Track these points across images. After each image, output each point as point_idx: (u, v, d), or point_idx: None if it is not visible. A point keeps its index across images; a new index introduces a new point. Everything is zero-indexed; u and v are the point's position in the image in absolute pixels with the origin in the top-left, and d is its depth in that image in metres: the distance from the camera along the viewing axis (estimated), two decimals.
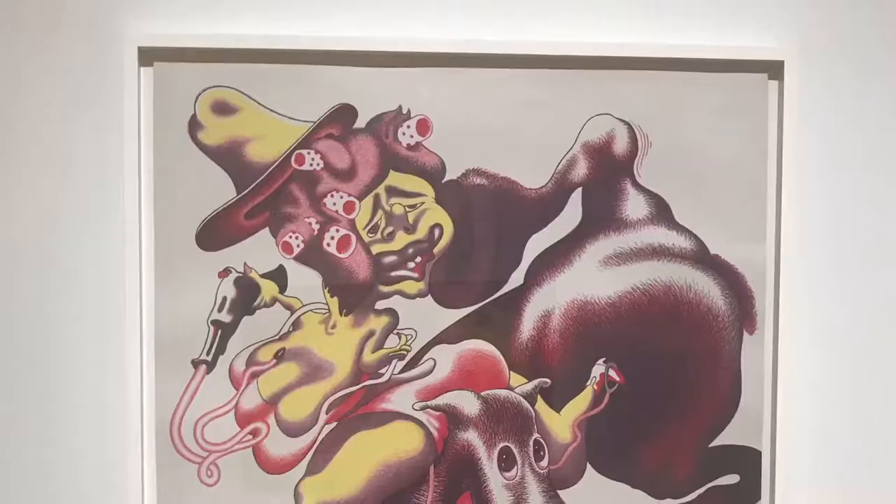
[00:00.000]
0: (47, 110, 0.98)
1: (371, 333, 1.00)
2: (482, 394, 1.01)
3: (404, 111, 1.00)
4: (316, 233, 0.99)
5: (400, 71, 0.99)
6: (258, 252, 0.99)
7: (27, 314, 0.99)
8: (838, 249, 1.06)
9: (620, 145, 1.02)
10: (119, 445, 0.98)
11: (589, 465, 1.03)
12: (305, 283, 0.99)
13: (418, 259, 1.00)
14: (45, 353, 0.99)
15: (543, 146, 1.01)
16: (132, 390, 0.97)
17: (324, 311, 1.00)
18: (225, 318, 0.99)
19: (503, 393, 1.02)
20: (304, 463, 1.00)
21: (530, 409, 1.02)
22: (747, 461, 1.04)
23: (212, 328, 0.99)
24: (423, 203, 1.00)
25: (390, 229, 1.00)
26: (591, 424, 1.03)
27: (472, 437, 1.01)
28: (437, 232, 1.01)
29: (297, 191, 0.99)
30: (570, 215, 1.02)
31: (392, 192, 1.00)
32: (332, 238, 1.00)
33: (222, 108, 0.98)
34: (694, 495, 1.04)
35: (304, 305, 0.99)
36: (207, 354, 0.99)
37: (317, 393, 1.00)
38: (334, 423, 1.00)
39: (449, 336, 1.01)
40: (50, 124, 0.98)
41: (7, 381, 0.99)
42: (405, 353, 1.01)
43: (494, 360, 1.01)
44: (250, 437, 0.99)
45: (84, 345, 0.99)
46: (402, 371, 1.00)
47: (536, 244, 1.01)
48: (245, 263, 0.99)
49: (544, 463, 1.02)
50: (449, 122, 1.00)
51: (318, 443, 1.00)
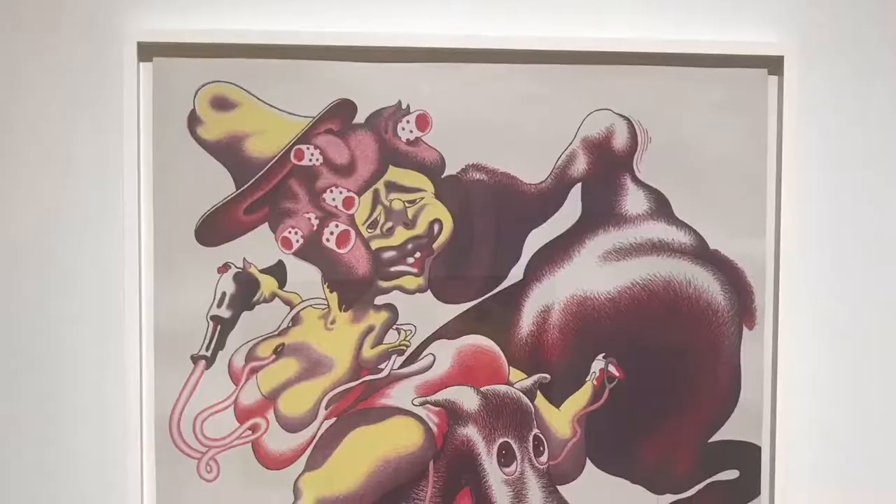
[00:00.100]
0: (47, 106, 0.98)
1: (370, 329, 1.00)
2: (481, 389, 1.01)
3: (404, 106, 1.00)
4: (315, 228, 0.99)
5: (399, 66, 0.99)
6: (257, 247, 0.99)
7: (27, 310, 0.99)
8: (838, 245, 1.06)
9: (620, 140, 1.02)
10: (118, 441, 0.98)
11: (588, 461, 1.02)
12: (305, 278, 0.99)
13: (418, 254, 1.00)
14: (44, 350, 0.99)
15: (543, 141, 1.01)
16: (132, 386, 0.97)
17: (323, 307, 1.00)
18: (224, 313, 0.99)
19: (503, 388, 1.02)
20: (304, 458, 1.00)
21: (530, 404, 1.02)
22: (747, 456, 1.04)
23: (211, 323, 0.99)
24: (422, 198, 1.00)
25: (390, 225, 1.00)
26: (590, 420, 1.02)
27: (471, 432, 1.01)
28: (436, 227, 1.00)
29: (296, 186, 0.99)
30: (570, 210, 1.02)
31: (391, 187, 1.00)
32: (332, 233, 0.99)
33: (221, 104, 0.98)
34: (693, 490, 1.04)
35: (303, 301, 0.99)
36: (207, 350, 0.99)
37: (316, 388, 1.00)
38: (334, 419, 1.00)
39: (448, 331, 1.01)
40: (49, 120, 0.98)
41: (7, 377, 0.99)
42: (404, 348, 1.00)
43: (494, 355, 1.01)
44: (250, 432, 0.99)
45: (84, 340, 0.99)
46: (401, 366, 1.00)
47: (536, 239, 1.01)
48: (244, 259, 0.99)
49: (544, 458, 1.02)
50: (448, 118, 1.00)
51: (317, 438, 1.00)
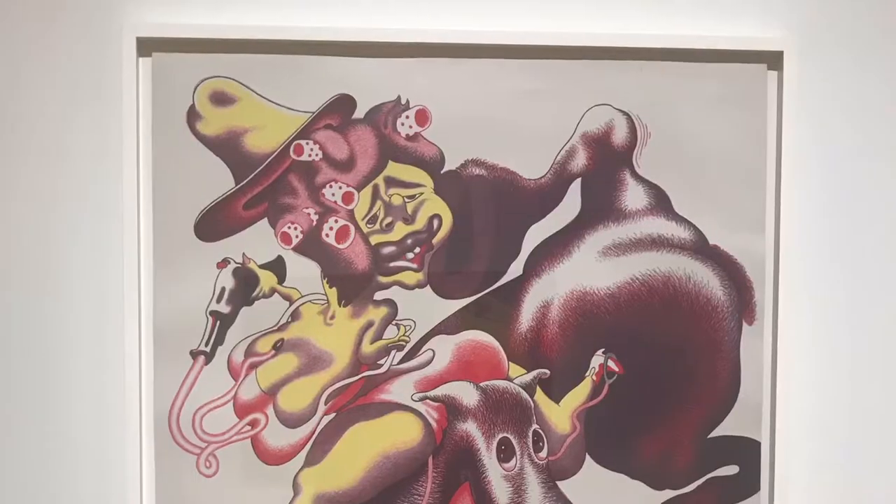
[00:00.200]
0: (46, 101, 0.98)
1: (370, 324, 1.00)
2: (481, 385, 1.01)
3: (403, 102, 1.00)
4: (315, 223, 0.99)
5: (399, 61, 0.99)
6: (257, 243, 0.98)
7: (26, 306, 0.98)
8: (838, 240, 1.06)
9: (619, 136, 1.02)
10: (118, 436, 0.98)
11: (588, 456, 1.02)
12: (304, 273, 0.99)
13: (417, 250, 1.00)
14: (43, 344, 0.99)
15: (542, 137, 1.01)
16: (131, 381, 0.97)
17: (322, 302, 0.99)
18: (223, 308, 0.99)
19: (502, 384, 1.01)
20: (303, 454, 0.99)
21: (529, 399, 1.02)
22: (746, 452, 1.04)
23: (210, 319, 0.98)
24: (421, 193, 1.00)
25: (389, 220, 1.00)
26: (590, 415, 1.02)
27: (470, 427, 1.01)
28: (435, 222, 1.00)
29: (295, 181, 0.99)
30: (570, 206, 1.02)
31: (391, 182, 1.00)
32: (331, 229, 0.99)
33: (221, 99, 0.98)
34: (693, 486, 1.04)
35: (302, 296, 0.99)
36: (206, 345, 0.98)
37: (315, 384, 0.99)
38: (333, 414, 1.00)
39: (448, 327, 1.01)
40: (48, 115, 0.98)
41: (6, 373, 0.99)
42: (404, 343, 1.00)
43: (493, 350, 1.01)
44: (249, 427, 0.99)
45: (83, 335, 0.99)
46: (400, 362, 1.00)
47: (535, 235, 1.01)
48: (244, 254, 0.99)
49: (543, 454, 1.02)
50: (448, 113, 1.00)
51: (316, 434, 0.99)
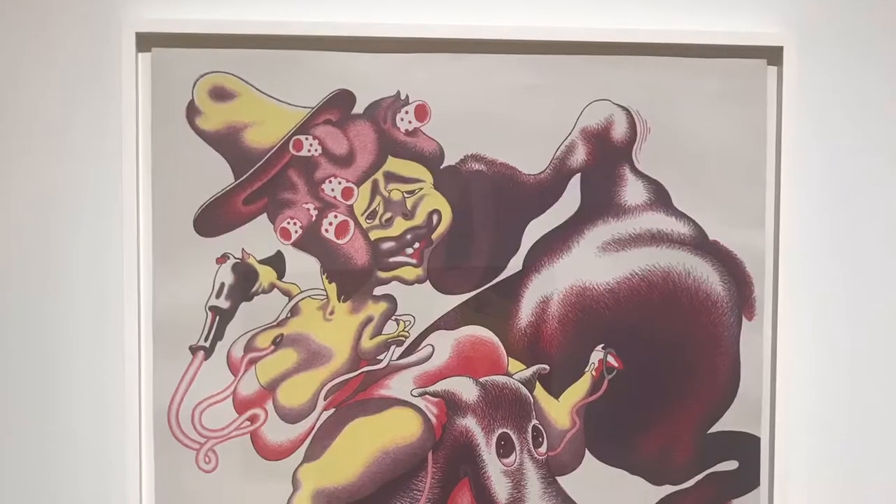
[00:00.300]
0: (45, 97, 0.98)
1: (369, 319, 1.00)
2: (480, 380, 1.01)
3: (403, 97, 1.00)
4: (314, 219, 0.99)
5: (398, 56, 0.99)
6: (256, 238, 0.98)
7: (25, 301, 0.98)
8: (837, 235, 1.06)
9: (619, 131, 1.02)
10: (117, 431, 0.98)
11: (587, 452, 1.02)
12: (303, 269, 0.99)
13: (416, 245, 1.00)
14: (43, 340, 0.99)
15: (542, 132, 1.01)
16: (130, 376, 0.97)
17: (322, 297, 0.99)
18: (223, 304, 0.99)
19: (501, 379, 1.01)
20: (303, 449, 0.99)
21: (529, 395, 1.02)
22: (746, 447, 1.04)
23: (210, 314, 0.98)
24: (421, 189, 1.00)
25: (388, 215, 1.00)
26: (589, 411, 1.02)
27: (470, 423, 1.01)
28: (435, 218, 1.00)
29: (295, 176, 0.99)
30: (569, 201, 1.02)
31: (390, 177, 1.00)
32: (331, 224, 0.99)
33: (220, 94, 0.98)
34: (693, 481, 1.03)
35: (302, 291, 0.99)
36: (205, 340, 0.98)
37: (315, 379, 0.99)
38: (332, 410, 1.00)
39: (447, 322, 1.00)
40: (48, 111, 0.98)
41: (5, 368, 0.99)
42: (403, 339, 1.00)
43: (493, 346, 1.01)
44: (248, 423, 0.99)
45: (82, 331, 0.99)
46: (400, 357, 1.00)
47: (535, 230, 1.01)
48: (243, 249, 0.99)
49: (543, 449, 1.02)
50: (447, 108, 1.00)
51: (316, 429, 0.99)
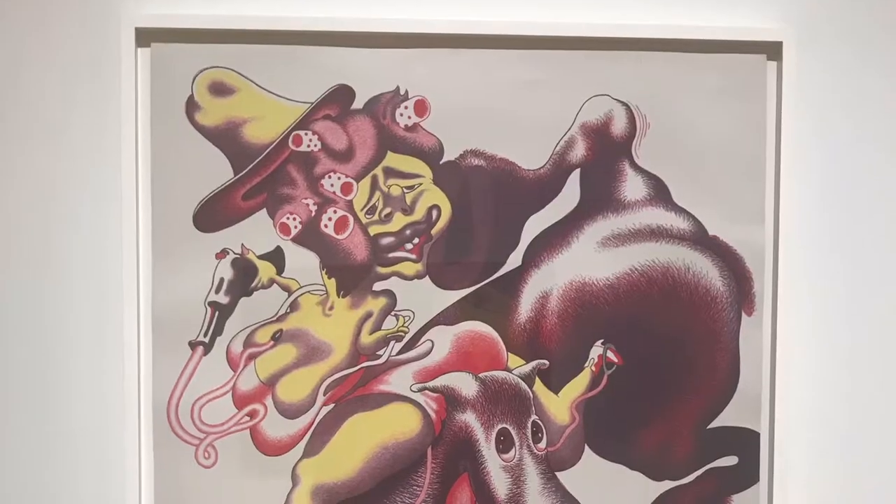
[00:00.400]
0: (44, 92, 0.98)
1: (369, 315, 1.00)
2: (480, 375, 1.01)
3: (402, 92, 1.00)
4: (313, 214, 0.99)
5: (398, 52, 0.99)
6: (255, 233, 0.98)
7: (24, 296, 0.98)
8: (837, 230, 1.06)
9: (619, 126, 1.02)
10: (116, 427, 0.98)
11: (587, 447, 1.02)
12: (303, 264, 0.99)
13: (416, 240, 1.00)
14: (42, 335, 0.99)
15: (541, 127, 1.01)
16: (129, 371, 0.97)
17: (321, 293, 0.99)
18: (222, 299, 0.99)
19: (501, 374, 1.01)
20: (302, 444, 0.99)
21: (528, 390, 1.02)
22: (746, 443, 1.03)
23: (209, 309, 0.98)
24: (420, 184, 1.00)
25: (388, 210, 1.00)
26: (589, 406, 1.02)
27: (469, 418, 1.01)
28: (434, 213, 1.00)
29: (294, 172, 0.99)
30: (569, 196, 1.01)
31: (390, 173, 1.00)
32: (330, 219, 0.99)
33: (219, 89, 0.98)
34: (692, 477, 1.03)
35: (301, 287, 0.99)
36: (205, 336, 0.98)
37: (314, 374, 0.99)
38: (332, 405, 1.00)
39: (447, 317, 1.00)
40: (47, 105, 0.98)
41: (4, 363, 0.99)
42: (403, 334, 1.00)
43: (492, 341, 1.01)
44: (248, 418, 0.99)
45: (82, 326, 0.99)
46: (399, 352, 1.00)
47: (534, 225, 1.01)
48: (242, 245, 0.98)
49: (542, 445, 1.02)
50: (447, 104, 1.00)
51: (315, 424, 0.99)
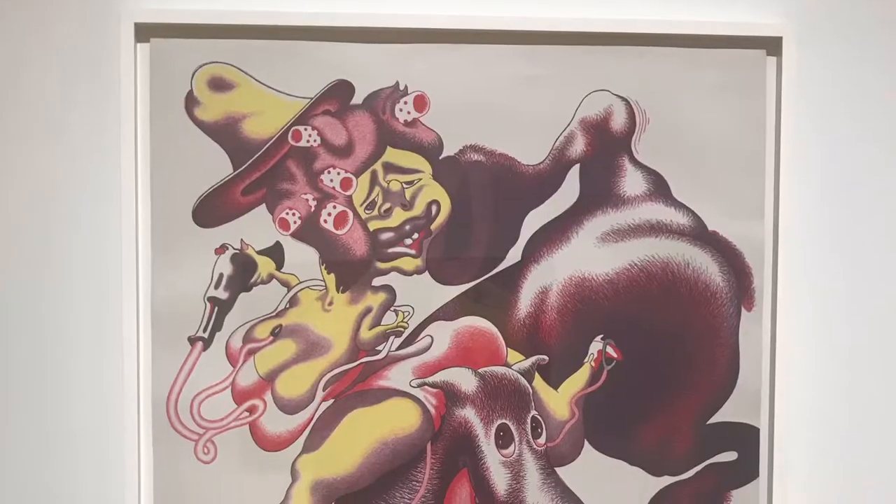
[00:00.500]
0: (44, 87, 0.98)
1: (368, 310, 1.00)
2: (479, 371, 1.01)
3: (401, 87, 0.99)
4: (313, 209, 0.99)
5: (397, 47, 0.99)
6: (255, 228, 0.98)
7: (24, 292, 0.98)
8: (837, 226, 1.06)
9: (618, 121, 1.02)
10: (116, 422, 0.98)
11: (587, 442, 1.02)
12: (302, 259, 0.99)
13: (415, 235, 1.00)
14: (42, 331, 0.98)
15: (541, 122, 1.01)
16: (129, 367, 0.97)
17: (320, 288, 0.99)
18: (221, 294, 0.98)
19: (500, 370, 1.01)
20: (301, 440, 0.99)
21: (528, 385, 1.02)
22: (745, 438, 1.03)
23: (208, 305, 0.98)
24: (420, 179, 1.00)
25: (387, 206, 1.00)
26: (588, 401, 1.02)
27: (469, 414, 1.01)
28: (434, 208, 1.00)
29: (293, 167, 0.99)
30: (568, 191, 1.01)
31: (389, 168, 1.00)
32: (329, 214, 0.99)
33: (219, 85, 0.98)
34: (692, 472, 1.03)
35: (300, 282, 0.99)
36: (204, 331, 0.98)
37: (313, 370, 0.99)
38: (331, 401, 0.99)
39: (446, 313, 1.00)
40: (47, 101, 0.98)
41: (3, 358, 0.98)
42: (402, 329, 1.00)
43: (492, 336, 1.01)
44: (247, 414, 0.99)
45: (81, 321, 0.99)
46: (399, 348, 1.00)
47: (534, 220, 1.01)
48: (242, 240, 0.98)
49: (542, 440, 1.02)
50: (446, 99, 1.00)
51: (314, 420, 0.99)
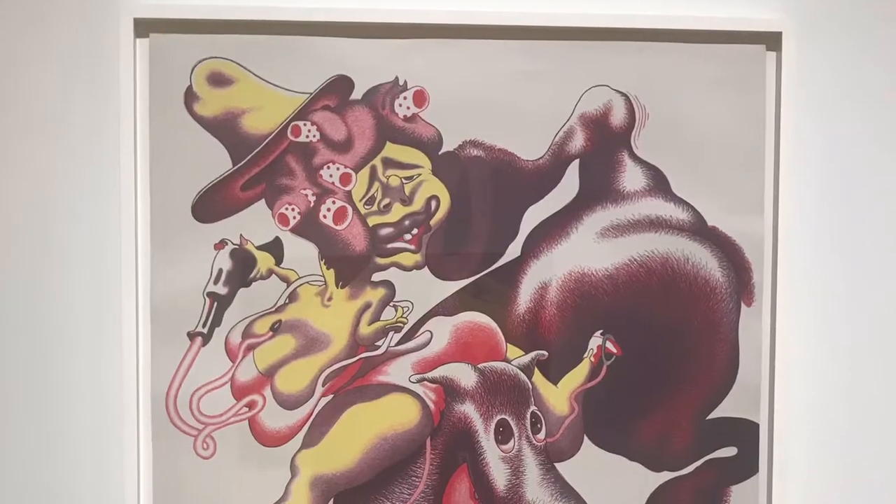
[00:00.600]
0: (43, 83, 0.98)
1: (367, 305, 1.00)
2: (479, 366, 1.01)
3: (401, 82, 0.99)
4: (312, 205, 0.99)
5: (397, 42, 0.99)
6: (254, 224, 0.98)
7: (23, 287, 0.98)
8: (836, 221, 1.05)
9: (618, 117, 1.02)
10: (115, 418, 0.98)
11: (586, 438, 1.02)
12: (301, 254, 0.99)
13: (415, 231, 1.00)
14: (40, 326, 0.98)
15: (540, 117, 1.01)
16: (128, 362, 0.97)
17: (320, 284, 0.99)
18: (221, 290, 0.98)
19: (500, 365, 1.01)
20: (301, 435, 0.99)
21: (527, 381, 1.01)
22: (745, 433, 1.03)
23: (207, 300, 0.98)
24: (419, 175, 1.00)
25: (387, 201, 1.00)
26: (588, 397, 1.02)
27: (468, 409, 1.01)
28: (433, 204, 1.00)
29: (293, 162, 0.99)
30: (568, 187, 1.01)
31: (388, 163, 1.00)
32: (329, 210, 0.99)
33: (218, 80, 0.98)
34: (691, 468, 1.03)
35: (300, 277, 0.99)
36: (203, 326, 0.98)
37: (313, 365, 0.99)
38: (330, 396, 0.99)
39: (446, 308, 1.00)
40: (45, 96, 0.98)
41: (2, 354, 0.98)
42: (402, 325, 1.00)
43: (491, 332, 1.01)
44: (246, 409, 0.99)
45: (80, 317, 0.99)
46: (398, 343, 1.00)
47: (533, 216, 1.01)
48: (241, 235, 0.98)
49: (541, 435, 1.02)
50: (446, 94, 1.00)
51: (314, 415, 0.99)
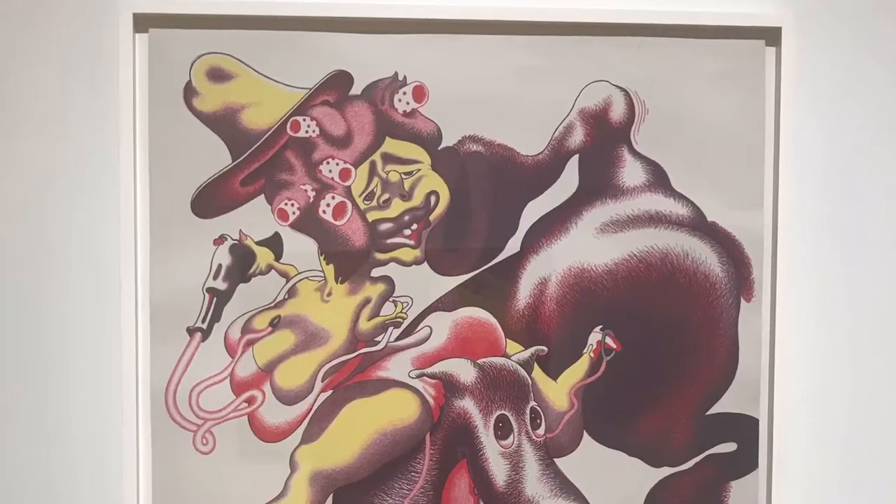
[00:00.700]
0: (42, 78, 0.98)
1: (367, 301, 1.00)
2: (478, 361, 1.01)
3: (400, 78, 0.99)
4: (311, 200, 0.99)
5: (396, 37, 0.99)
6: (253, 219, 0.98)
7: (22, 283, 0.98)
8: (836, 216, 1.05)
9: (617, 112, 1.02)
10: (114, 413, 0.98)
11: (585, 433, 1.02)
12: (301, 250, 0.99)
13: (414, 226, 1.00)
14: (39, 321, 0.98)
15: (540, 113, 1.01)
16: (127, 358, 0.97)
17: (319, 279, 0.99)
18: (220, 285, 0.98)
19: (499, 360, 1.01)
20: (300, 431, 0.99)
21: (527, 376, 1.01)
22: (744, 429, 1.03)
23: (207, 296, 0.98)
24: (419, 170, 1.00)
25: (386, 196, 1.00)
26: (587, 392, 1.02)
27: (468, 404, 1.01)
28: (433, 199, 1.00)
29: (292, 158, 0.99)
30: (567, 182, 1.01)
31: (388, 159, 1.00)
32: (328, 205, 0.99)
33: (217, 75, 0.98)
34: (691, 463, 1.03)
35: (299, 273, 0.99)
36: (202, 322, 0.98)
37: (312, 361, 0.99)
38: (330, 391, 0.99)
39: (445, 303, 1.00)
40: (45, 92, 0.98)
41: (2, 350, 0.98)
42: (401, 320, 1.00)
43: (491, 327, 1.01)
44: (246, 404, 0.99)
45: (79, 312, 0.98)
46: (398, 339, 1.00)
47: (533, 211, 1.01)
48: (240, 231, 0.98)
49: (541, 431, 1.02)
50: (445, 89, 1.00)
51: (313, 411, 0.99)
